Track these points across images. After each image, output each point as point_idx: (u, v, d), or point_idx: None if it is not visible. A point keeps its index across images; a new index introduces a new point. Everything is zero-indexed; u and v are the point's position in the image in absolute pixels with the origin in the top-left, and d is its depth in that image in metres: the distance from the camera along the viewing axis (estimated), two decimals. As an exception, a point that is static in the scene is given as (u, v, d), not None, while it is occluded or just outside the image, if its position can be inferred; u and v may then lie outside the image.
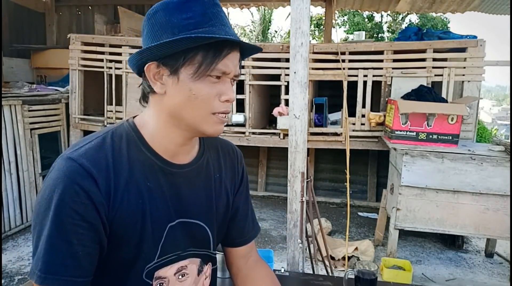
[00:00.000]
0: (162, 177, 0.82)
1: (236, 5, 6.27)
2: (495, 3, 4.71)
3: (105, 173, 0.75)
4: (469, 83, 3.35)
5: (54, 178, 0.72)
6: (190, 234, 0.87)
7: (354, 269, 1.19)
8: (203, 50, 0.74)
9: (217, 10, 0.76)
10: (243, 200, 1.01)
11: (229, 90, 0.79)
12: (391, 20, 11.56)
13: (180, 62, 0.74)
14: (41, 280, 0.70)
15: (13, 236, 3.39)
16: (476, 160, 2.71)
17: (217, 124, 0.80)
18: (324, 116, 3.70)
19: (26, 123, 3.51)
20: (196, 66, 0.74)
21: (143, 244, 0.79)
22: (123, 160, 0.78)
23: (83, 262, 0.73)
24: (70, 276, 0.71)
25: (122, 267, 0.80)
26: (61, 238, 0.71)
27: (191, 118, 0.78)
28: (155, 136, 0.82)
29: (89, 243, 0.73)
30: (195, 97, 0.76)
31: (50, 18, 5.69)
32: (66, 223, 0.71)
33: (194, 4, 0.74)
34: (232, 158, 0.99)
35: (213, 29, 0.74)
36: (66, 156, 0.74)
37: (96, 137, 0.80)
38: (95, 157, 0.75)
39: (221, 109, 0.79)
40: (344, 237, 3.43)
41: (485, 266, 3.11)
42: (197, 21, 0.74)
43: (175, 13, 0.74)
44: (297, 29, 1.78)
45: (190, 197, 0.86)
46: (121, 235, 0.77)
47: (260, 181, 5.01)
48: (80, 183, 0.71)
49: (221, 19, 0.76)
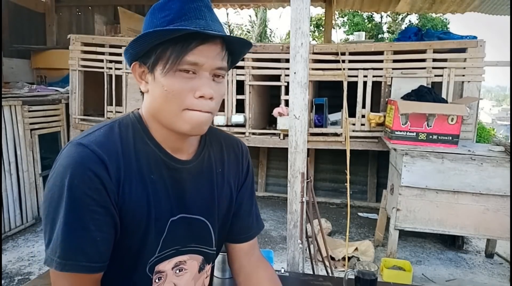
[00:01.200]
0: (165, 170, 0.82)
1: (236, 6, 6.27)
2: (495, 3, 4.71)
3: (115, 161, 0.75)
4: (469, 84, 3.35)
5: (65, 164, 0.72)
6: (192, 229, 0.87)
7: (354, 270, 1.19)
8: (172, 44, 0.73)
9: (196, 5, 0.75)
10: (248, 196, 1.00)
11: (205, 85, 0.75)
12: (391, 20, 11.57)
13: (152, 58, 0.75)
14: (62, 266, 0.70)
15: (13, 237, 3.39)
16: (476, 160, 2.70)
17: (193, 121, 0.76)
18: (324, 116, 3.70)
19: (26, 123, 3.51)
20: (165, 61, 0.74)
21: (147, 237, 0.79)
22: (130, 149, 0.78)
23: (101, 247, 0.73)
24: (89, 261, 0.72)
25: (128, 259, 0.80)
26: (79, 224, 0.71)
27: (165, 115, 0.77)
28: (157, 129, 0.82)
29: (106, 228, 0.73)
30: (167, 92, 0.74)
31: (50, 19, 5.70)
32: (82, 209, 0.71)
33: (174, 2, 0.75)
34: (237, 152, 0.98)
35: (184, 23, 0.73)
36: (76, 142, 0.74)
37: (104, 125, 0.80)
38: (105, 144, 0.75)
39: (195, 106, 0.75)
40: (344, 238, 3.43)
41: (485, 266, 3.11)
42: (172, 18, 0.74)
43: (156, 13, 0.76)
44: (297, 29, 1.77)
45: (192, 193, 0.86)
46: (127, 224, 0.77)
47: (260, 182, 5.01)
48: (93, 169, 0.71)
49: (198, 13, 0.75)
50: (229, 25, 13.84)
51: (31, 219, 3.61)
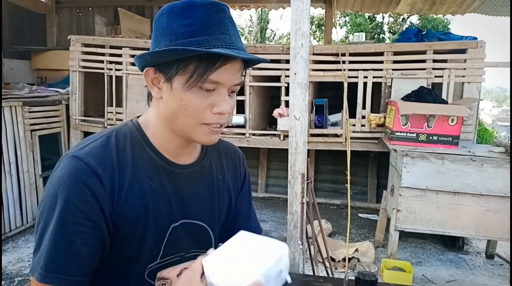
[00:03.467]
0: (165, 177, 0.82)
1: (236, 7, 6.28)
2: (495, 4, 4.71)
3: (110, 172, 0.75)
4: (469, 85, 3.35)
5: (59, 176, 0.73)
6: (193, 235, 0.87)
7: (355, 271, 1.18)
8: (196, 60, 0.71)
9: (220, 16, 0.73)
10: (246, 202, 1.01)
11: (223, 102, 0.75)
12: (392, 21, 11.57)
13: (173, 71, 0.73)
14: (42, 277, 0.70)
15: (13, 238, 3.38)
16: (476, 161, 2.70)
17: (209, 134, 0.78)
18: (324, 117, 3.70)
19: (26, 124, 3.51)
20: (188, 76, 0.72)
21: (145, 244, 0.80)
22: (127, 158, 0.78)
23: (85, 261, 0.73)
24: (70, 275, 0.72)
25: (124, 265, 0.80)
26: (65, 237, 0.71)
27: (182, 126, 0.77)
28: (157, 137, 0.82)
29: (92, 242, 0.73)
30: (185, 106, 0.74)
31: (50, 20, 5.70)
32: (71, 222, 0.71)
33: (196, 10, 0.72)
34: (234, 159, 0.99)
35: (209, 38, 0.71)
36: (71, 155, 0.75)
37: (101, 136, 0.80)
38: (100, 155, 0.75)
39: (213, 121, 0.76)
40: (344, 239, 3.43)
41: (486, 267, 3.11)
42: (194, 29, 0.71)
43: (176, 18, 0.73)
44: (297, 30, 1.78)
45: (193, 198, 0.86)
46: (123, 233, 0.77)
47: (260, 183, 5.00)
48: (86, 182, 0.72)
49: (222, 27, 0.73)
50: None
51: (31, 220, 3.61)
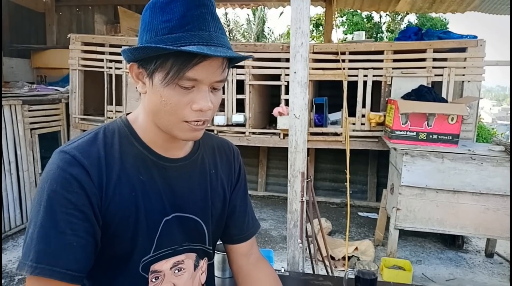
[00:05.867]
0: (155, 170, 0.82)
1: (236, 5, 6.27)
2: (495, 3, 4.71)
3: (97, 165, 0.76)
4: (469, 83, 3.35)
5: (47, 170, 0.74)
6: (186, 228, 0.87)
7: (354, 269, 1.19)
8: (174, 57, 0.70)
9: (200, 12, 0.72)
10: (241, 197, 1.01)
11: (203, 99, 0.74)
12: (390, 20, 11.55)
13: (152, 67, 0.73)
14: (32, 269, 0.68)
15: (13, 236, 3.39)
16: (476, 160, 2.71)
17: (190, 132, 0.77)
18: (324, 116, 3.70)
19: (26, 123, 3.51)
20: (165, 72, 0.72)
21: (137, 237, 0.80)
22: (115, 154, 0.79)
23: (77, 254, 0.71)
24: (63, 267, 0.69)
25: (118, 260, 0.80)
26: (55, 228, 0.70)
27: (164, 122, 0.77)
28: (146, 131, 0.82)
29: (83, 234, 0.72)
30: (165, 103, 0.74)
31: (50, 18, 5.69)
32: (59, 212, 0.70)
33: (177, 5, 0.71)
34: (228, 155, 0.99)
35: (186, 34, 0.70)
36: (59, 150, 0.76)
37: (89, 133, 0.81)
38: (87, 150, 0.76)
39: (193, 118, 0.75)
40: (344, 237, 3.43)
41: (485, 266, 3.11)
42: (173, 25, 0.71)
43: (157, 14, 0.73)
44: (297, 29, 1.78)
45: (184, 192, 0.87)
46: (115, 227, 0.77)
47: (260, 181, 5.01)
48: (72, 173, 0.72)
49: (201, 23, 0.71)
50: (228, 25, 13.83)
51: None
